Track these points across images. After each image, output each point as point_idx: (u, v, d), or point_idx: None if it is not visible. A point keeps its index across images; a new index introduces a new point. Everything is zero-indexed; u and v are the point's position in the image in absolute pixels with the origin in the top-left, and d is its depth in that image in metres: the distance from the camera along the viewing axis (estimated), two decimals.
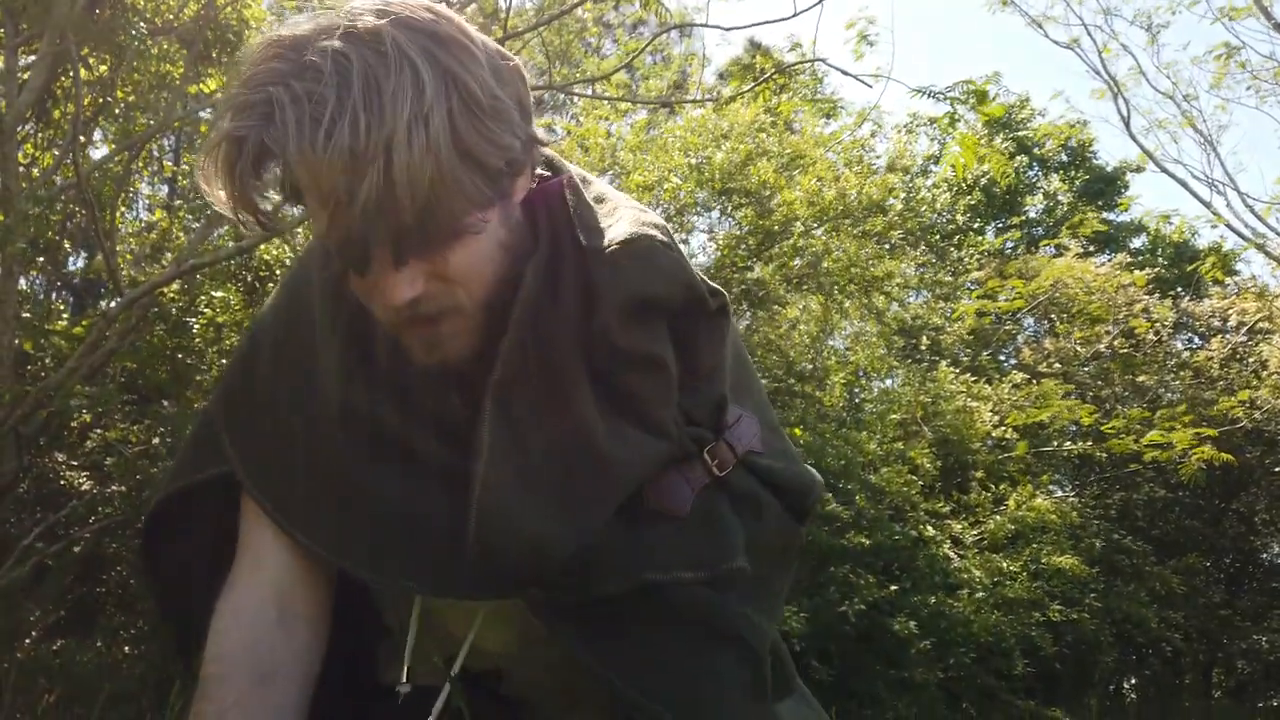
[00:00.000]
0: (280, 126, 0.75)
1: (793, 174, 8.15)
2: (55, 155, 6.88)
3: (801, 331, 8.97)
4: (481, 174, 0.80)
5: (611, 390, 0.91)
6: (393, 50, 0.76)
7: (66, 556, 5.84)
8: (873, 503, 7.26)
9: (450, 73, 0.78)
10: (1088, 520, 9.59)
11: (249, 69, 0.79)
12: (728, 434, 0.98)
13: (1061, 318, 11.54)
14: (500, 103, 0.81)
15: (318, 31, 0.78)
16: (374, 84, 0.74)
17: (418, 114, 0.74)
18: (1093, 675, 9.02)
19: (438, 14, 0.81)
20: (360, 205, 0.75)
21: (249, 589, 0.97)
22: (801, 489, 1.08)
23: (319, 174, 0.76)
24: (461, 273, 0.85)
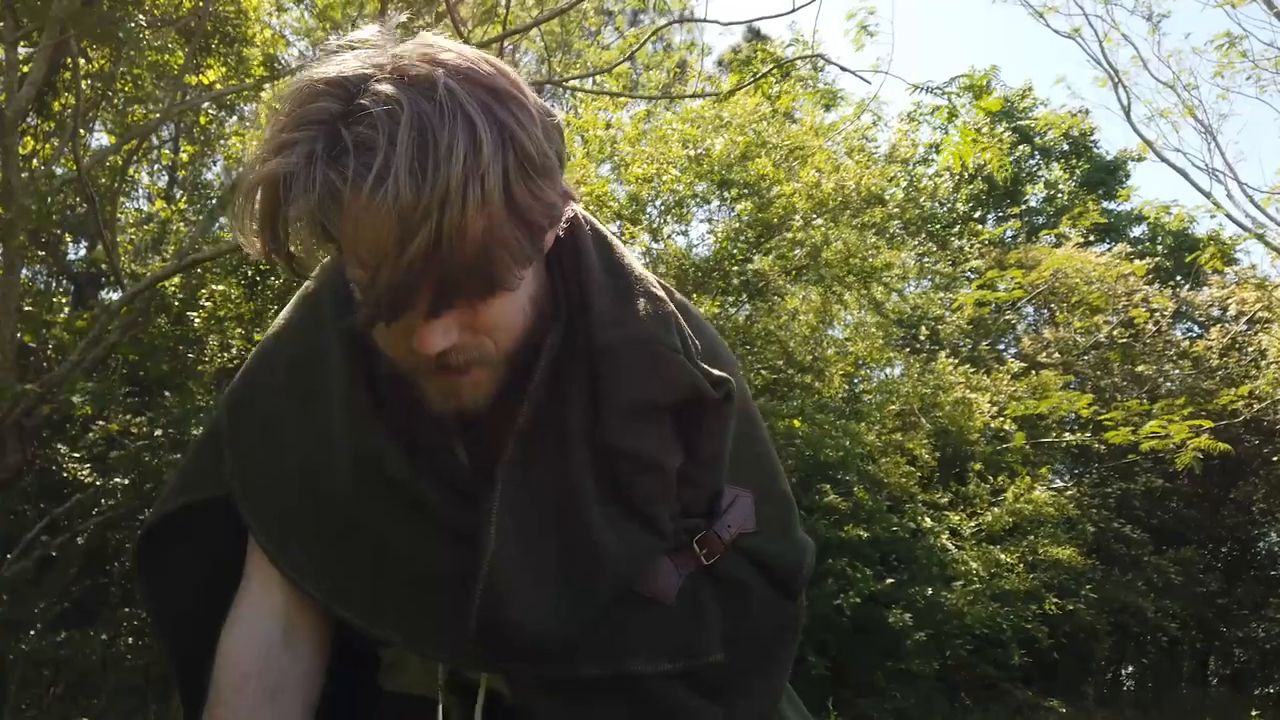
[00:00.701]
0: (326, 174, 0.71)
1: (792, 165, 8.15)
2: (55, 145, 6.89)
3: (801, 322, 8.98)
4: (528, 232, 0.79)
5: (612, 484, 0.92)
6: (448, 101, 0.72)
7: (70, 549, 5.88)
8: (871, 494, 7.29)
9: (507, 129, 0.74)
10: (1085, 510, 9.63)
11: (291, 106, 0.75)
12: (719, 522, 0.98)
13: (1061, 307, 11.55)
14: (549, 161, 0.79)
15: (365, 72, 0.75)
16: (429, 135, 0.71)
17: (473, 170, 0.71)
18: (1090, 665, 9.07)
19: (496, 67, 0.79)
20: (408, 260, 0.72)
21: (257, 611, 0.99)
22: (791, 567, 1.07)
23: (367, 226, 0.73)
24: (493, 325, 0.84)
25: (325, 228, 0.75)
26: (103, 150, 7.07)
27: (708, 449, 0.96)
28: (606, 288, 0.94)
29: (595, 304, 0.92)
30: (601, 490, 0.92)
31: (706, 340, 1.01)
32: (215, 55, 7.23)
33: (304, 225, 0.75)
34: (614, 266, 0.97)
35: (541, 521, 0.91)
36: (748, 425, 1.06)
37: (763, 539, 1.01)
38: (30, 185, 6.31)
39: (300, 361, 1.00)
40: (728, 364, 1.02)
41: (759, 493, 1.03)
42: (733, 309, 7.92)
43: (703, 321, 1.05)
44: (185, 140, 8.60)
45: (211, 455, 1.05)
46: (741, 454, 1.02)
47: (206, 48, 7.10)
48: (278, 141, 0.74)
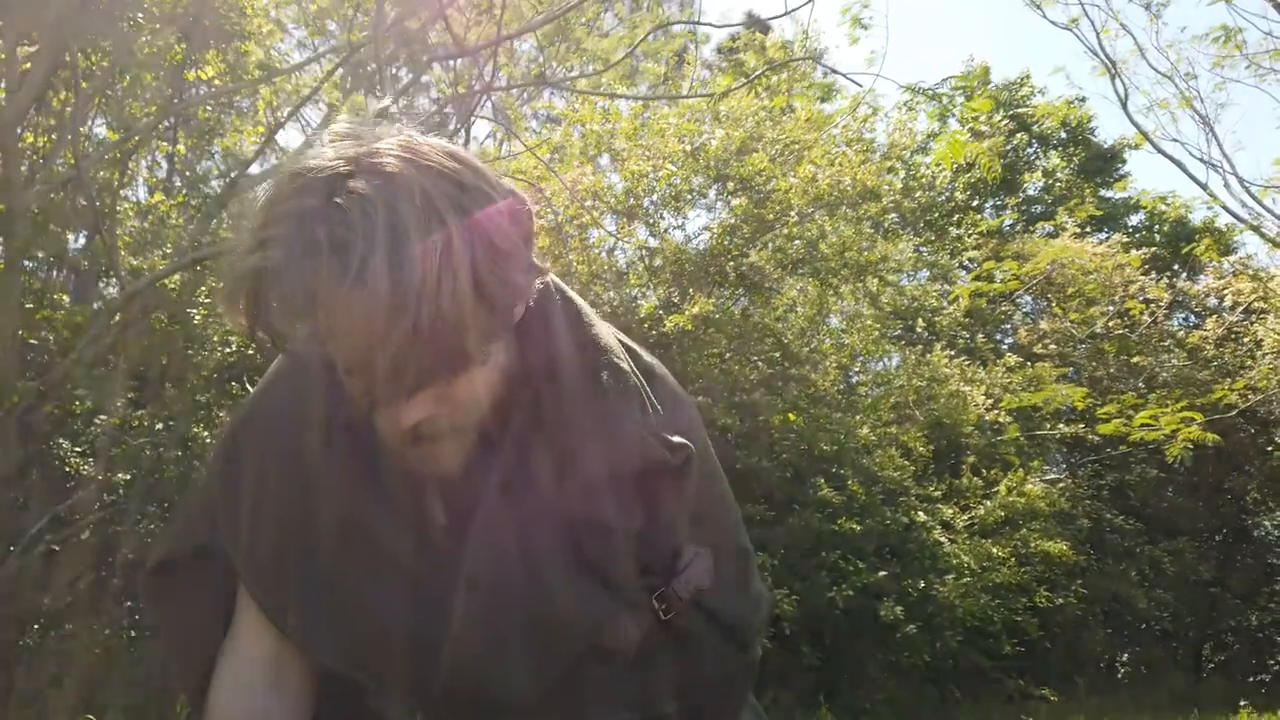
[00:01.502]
0: (306, 270, 0.76)
1: (788, 159, 8.17)
2: (54, 139, 6.91)
3: (798, 314, 9.02)
4: (495, 313, 0.84)
5: (575, 548, 0.97)
6: (421, 199, 0.77)
7: (74, 544, 5.95)
8: (865, 487, 7.36)
9: (475, 222, 0.80)
10: (1079, 502, 9.70)
11: (273, 199, 0.80)
12: (678, 580, 1.02)
13: (1058, 298, 11.59)
14: (514, 245, 0.84)
15: (342, 168, 0.79)
16: (403, 233, 0.75)
17: (445, 265, 0.76)
18: (1081, 655, 9.17)
19: (461, 160, 0.83)
20: (390, 351, 0.77)
21: (245, 658, 1.05)
22: (744, 621, 1.12)
23: (345, 321, 0.78)
24: (464, 398, 0.89)
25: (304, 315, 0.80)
26: (103, 146, 7.10)
27: (667, 512, 1.01)
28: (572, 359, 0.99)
29: (561, 375, 0.98)
30: (565, 554, 0.97)
31: (670, 404, 1.05)
32: (213, 51, 7.25)
33: (286, 315, 0.80)
34: (581, 337, 1.02)
35: (507, 586, 0.96)
36: (710, 482, 1.10)
37: (720, 595, 1.06)
38: (31, 181, 6.35)
39: (285, 418, 1.04)
40: (691, 426, 1.06)
41: (718, 549, 1.08)
42: (729, 302, 7.96)
43: (668, 384, 1.09)
44: (183, 131, 8.61)
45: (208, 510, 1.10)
46: (703, 512, 1.07)
47: (204, 43, 7.12)
48: (260, 236, 0.79)
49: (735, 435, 7.31)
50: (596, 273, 7.42)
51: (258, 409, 1.10)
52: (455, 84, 8.47)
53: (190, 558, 1.11)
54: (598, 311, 4.23)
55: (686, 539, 1.05)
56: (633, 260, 8.07)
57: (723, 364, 8.02)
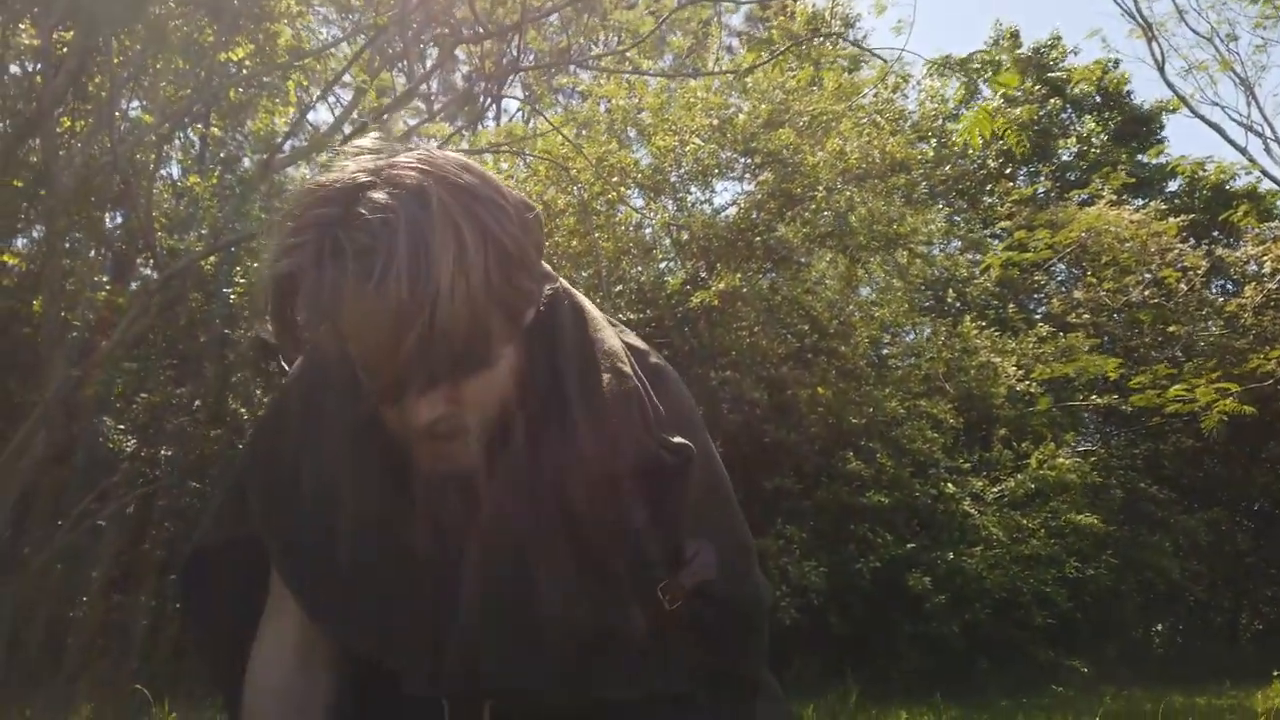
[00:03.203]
0: (331, 275, 0.81)
1: (816, 132, 8.12)
2: (91, 124, 7.03)
3: (828, 287, 9.00)
4: (507, 316, 0.90)
5: (578, 544, 1.02)
6: (438, 208, 0.83)
7: (118, 518, 6.14)
8: (894, 460, 7.37)
9: (487, 230, 0.85)
10: (1113, 473, 9.63)
11: (296, 209, 0.86)
12: (682, 572, 1.07)
13: (1092, 266, 11.43)
14: (526, 253, 0.90)
15: (362, 179, 0.84)
16: (421, 240, 0.81)
17: (460, 269, 0.82)
18: (1112, 626, 9.14)
19: (475, 173, 0.89)
20: (406, 350, 0.82)
21: (278, 640, 1.12)
22: (750, 609, 1.18)
23: (367, 322, 0.83)
24: (475, 398, 0.93)
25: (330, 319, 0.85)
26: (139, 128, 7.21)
27: (668, 509, 1.06)
28: (577, 364, 1.04)
29: (566, 379, 1.03)
30: (569, 549, 1.02)
31: (674, 406, 1.10)
32: (244, 32, 7.33)
33: (311, 317, 0.86)
34: (586, 342, 1.07)
35: (511, 581, 1.01)
36: (712, 480, 1.16)
37: (722, 585, 1.11)
38: (69, 166, 6.48)
39: (310, 416, 1.10)
40: (693, 427, 1.11)
41: (720, 544, 1.13)
42: (757, 276, 7.96)
43: (674, 387, 1.15)
44: (216, 114, 8.72)
45: (243, 497, 1.17)
46: (705, 509, 1.12)
47: (234, 25, 7.19)
48: (285, 244, 0.85)
49: (764, 409, 7.34)
50: (623, 249, 7.45)
51: (284, 406, 1.16)
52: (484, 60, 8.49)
53: (225, 547, 1.18)
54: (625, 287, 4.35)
55: (689, 534, 1.10)
56: (659, 235, 8.09)
57: (751, 338, 8.04)
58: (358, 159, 0.88)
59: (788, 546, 6.43)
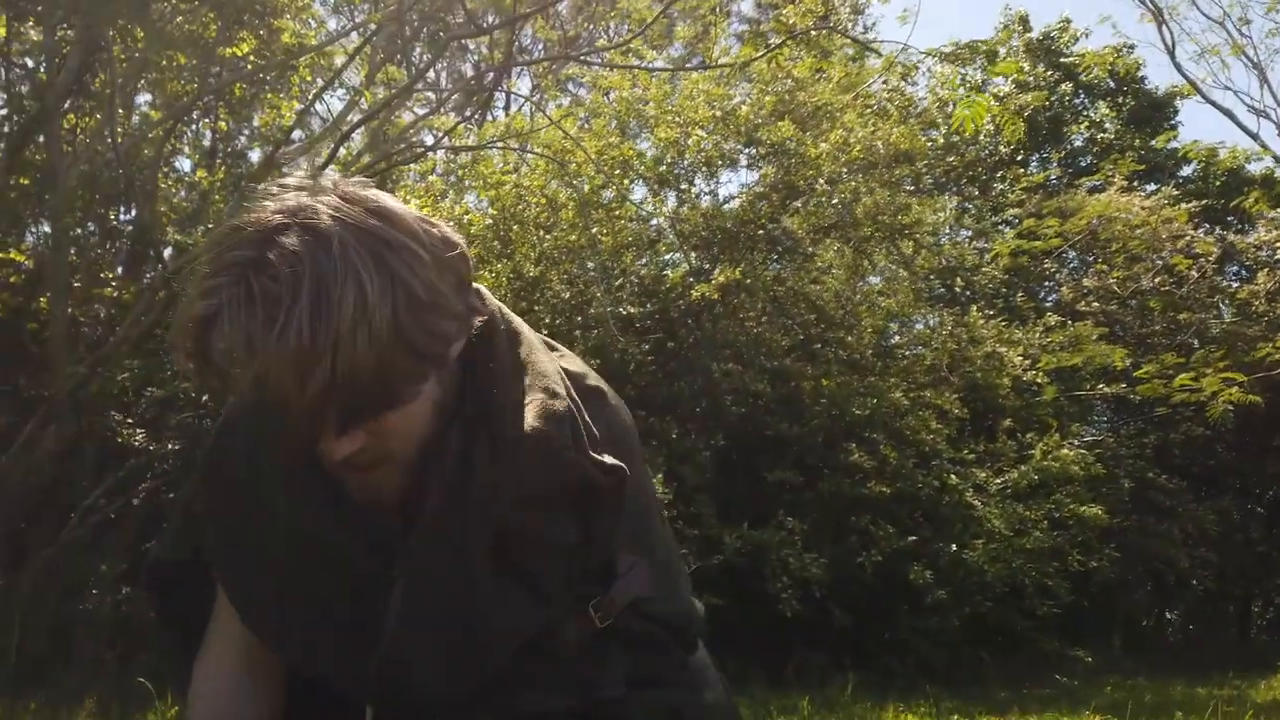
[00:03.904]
0: (237, 321, 0.84)
1: (820, 124, 8.09)
2: (97, 120, 7.09)
3: (834, 276, 8.98)
4: (419, 358, 0.92)
5: (506, 561, 1.05)
6: (340, 254, 0.85)
7: (127, 512, 6.21)
8: (897, 451, 7.36)
9: (396, 275, 0.87)
10: (1121, 463, 9.60)
11: (216, 250, 0.88)
12: (615, 587, 1.10)
13: (1103, 254, 11.36)
14: (440, 295, 0.92)
15: (277, 220, 0.87)
16: (324, 288, 0.83)
17: (360, 317, 0.84)
18: (1117, 616, 9.14)
19: (387, 217, 0.91)
20: (308, 395, 0.85)
21: (220, 658, 1.16)
22: (682, 624, 1.20)
23: (273, 367, 0.85)
24: (396, 430, 0.96)
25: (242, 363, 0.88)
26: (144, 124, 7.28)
27: (599, 529, 1.08)
28: (510, 388, 1.07)
29: (497, 401, 1.05)
30: (497, 566, 1.05)
31: (609, 428, 1.13)
32: (247, 27, 7.36)
33: (225, 359, 0.88)
34: (519, 364, 1.10)
35: (440, 596, 1.04)
36: (644, 500, 1.18)
37: (656, 600, 1.15)
38: (74, 163, 6.55)
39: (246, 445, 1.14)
40: (628, 448, 1.14)
41: (650, 561, 1.16)
42: (760, 268, 7.95)
43: (610, 409, 1.17)
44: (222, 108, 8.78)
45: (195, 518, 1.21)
46: (637, 528, 1.15)
47: (237, 20, 7.23)
48: (204, 285, 0.88)
49: (767, 401, 7.35)
50: (623, 243, 7.45)
51: (224, 436, 1.20)
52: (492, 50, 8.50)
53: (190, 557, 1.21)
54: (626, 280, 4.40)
55: (623, 551, 1.13)
56: (663, 229, 8.09)
57: (756, 329, 8.04)
58: (279, 198, 0.91)
59: (789, 538, 6.45)
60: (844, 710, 5.26)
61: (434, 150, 6.71)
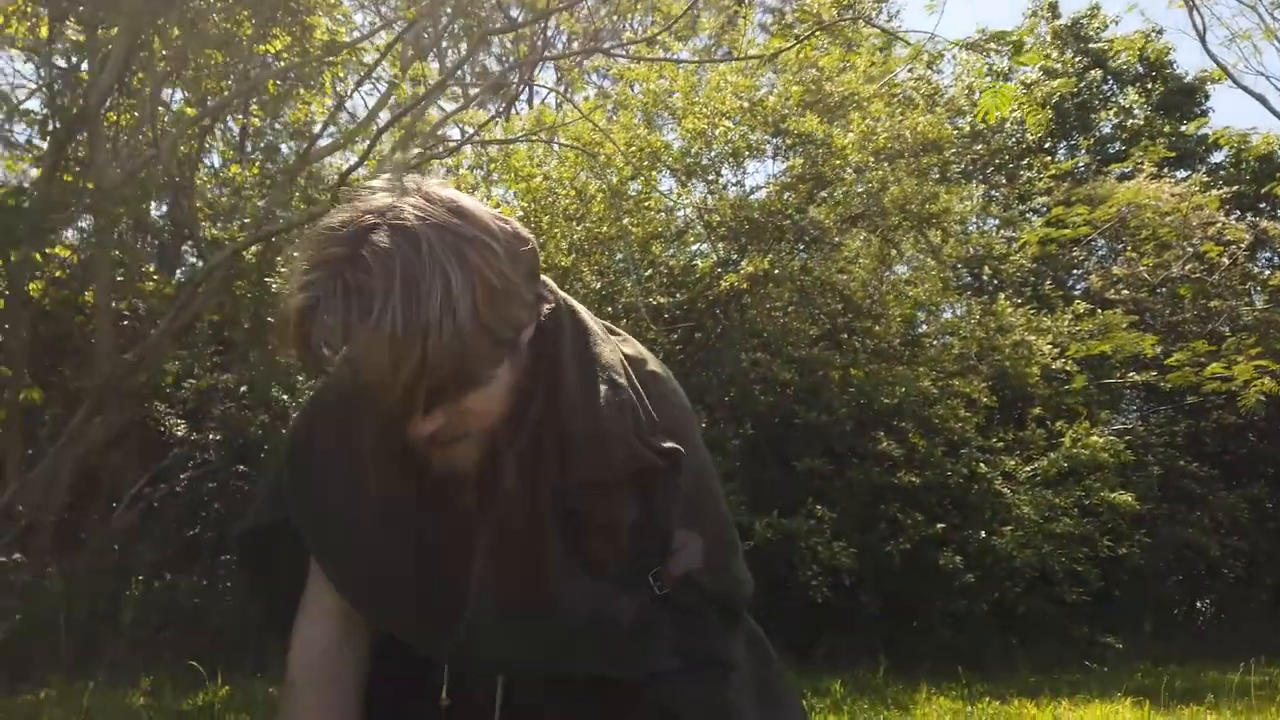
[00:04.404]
0: (339, 312, 0.93)
1: (848, 111, 8.12)
2: (135, 117, 7.24)
3: (861, 266, 9.01)
4: (496, 342, 1.01)
5: (574, 539, 1.14)
6: (428, 251, 0.94)
7: (170, 500, 6.38)
8: (926, 439, 7.40)
9: (475, 269, 0.97)
10: (1151, 450, 9.57)
11: (312, 250, 0.97)
12: (671, 562, 1.18)
13: (1132, 241, 11.30)
14: (513, 285, 1.01)
15: (368, 220, 0.96)
16: (413, 280, 0.93)
17: (448, 306, 0.93)
18: (1147, 603, 9.12)
19: (466, 215, 1.00)
20: (401, 378, 0.94)
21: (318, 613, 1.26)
22: (735, 594, 1.29)
23: (368, 352, 0.94)
24: (474, 411, 1.06)
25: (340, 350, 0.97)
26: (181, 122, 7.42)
27: (659, 506, 1.17)
28: (574, 376, 1.16)
29: (564, 390, 1.15)
30: (565, 543, 1.14)
31: (667, 412, 1.21)
32: (280, 25, 7.49)
33: (325, 346, 0.98)
34: (584, 356, 1.18)
35: (514, 570, 1.14)
36: (701, 480, 1.26)
37: (709, 575, 1.22)
38: (116, 159, 6.70)
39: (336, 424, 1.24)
40: (685, 431, 1.22)
41: (705, 538, 1.24)
42: (788, 257, 8.00)
43: (669, 393, 1.25)
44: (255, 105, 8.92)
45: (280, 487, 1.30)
46: (693, 506, 1.23)
47: (271, 18, 7.35)
48: (301, 280, 0.97)
49: (795, 390, 7.41)
50: (653, 233, 7.52)
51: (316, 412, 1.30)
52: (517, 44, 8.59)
53: (270, 528, 1.32)
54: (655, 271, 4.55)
55: (679, 527, 1.20)
56: (691, 219, 8.15)
57: (784, 319, 8.10)
58: (368, 200, 1.00)
59: (818, 526, 6.51)
60: (876, 692, 5.33)
61: (466, 145, 6.81)
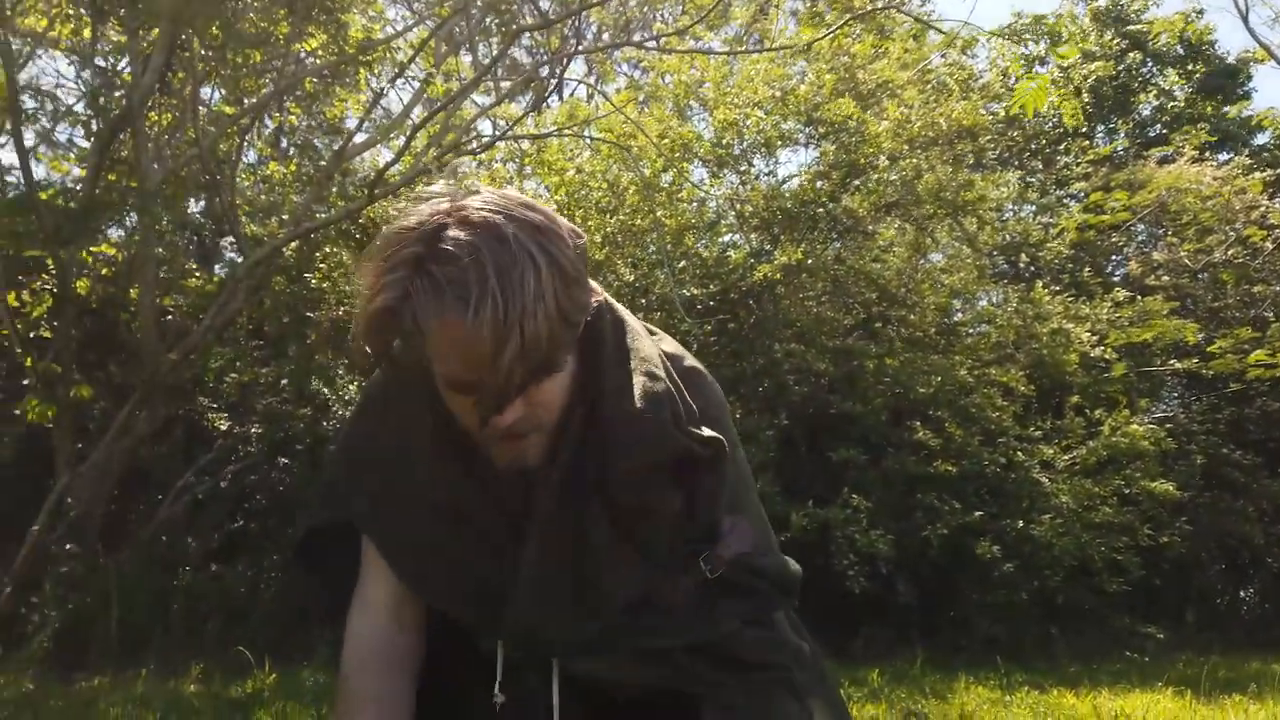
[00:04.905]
0: (427, 307, 0.96)
1: (881, 99, 8.07)
2: (176, 117, 7.37)
3: (896, 254, 8.97)
4: (571, 328, 1.05)
5: (619, 524, 1.18)
6: (514, 243, 0.98)
7: (215, 492, 6.52)
8: (963, 429, 7.36)
9: (554, 258, 1.00)
10: (1193, 437, 9.44)
11: (382, 250, 1.00)
12: (720, 544, 1.23)
13: (1173, 226, 11.13)
14: (580, 272, 1.05)
15: (438, 219, 0.99)
16: (504, 270, 0.95)
17: (539, 292, 0.97)
18: (1190, 593, 9.01)
19: (536, 209, 1.04)
20: (503, 365, 0.97)
21: (373, 602, 1.31)
22: (785, 575, 1.33)
23: (466, 344, 0.97)
24: (546, 400, 1.11)
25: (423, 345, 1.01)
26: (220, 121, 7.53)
27: (701, 494, 1.21)
28: (616, 369, 1.20)
29: (606, 383, 1.18)
30: (612, 529, 1.18)
31: (705, 403, 1.26)
32: (316, 23, 7.58)
33: (406, 345, 1.02)
34: (625, 349, 1.22)
35: (563, 554, 1.18)
36: (738, 469, 1.31)
37: (758, 555, 1.28)
38: (158, 158, 6.83)
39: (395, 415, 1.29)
40: (723, 424, 1.27)
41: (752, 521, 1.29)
42: (821, 247, 7.98)
43: (706, 387, 1.30)
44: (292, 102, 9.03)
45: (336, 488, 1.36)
46: (734, 494, 1.28)
47: (307, 16, 7.44)
48: (378, 284, 1.00)
49: (830, 380, 7.40)
50: (685, 225, 7.53)
51: (370, 409, 1.35)
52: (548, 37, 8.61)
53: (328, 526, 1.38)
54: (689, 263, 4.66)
55: (725, 512, 1.25)
56: (723, 210, 8.15)
57: (818, 309, 8.08)
58: (430, 203, 1.03)
59: (854, 516, 6.50)
60: (913, 682, 5.33)
61: (501, 140, 6.86)
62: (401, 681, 1.29)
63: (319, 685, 4.28)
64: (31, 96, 7.16)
